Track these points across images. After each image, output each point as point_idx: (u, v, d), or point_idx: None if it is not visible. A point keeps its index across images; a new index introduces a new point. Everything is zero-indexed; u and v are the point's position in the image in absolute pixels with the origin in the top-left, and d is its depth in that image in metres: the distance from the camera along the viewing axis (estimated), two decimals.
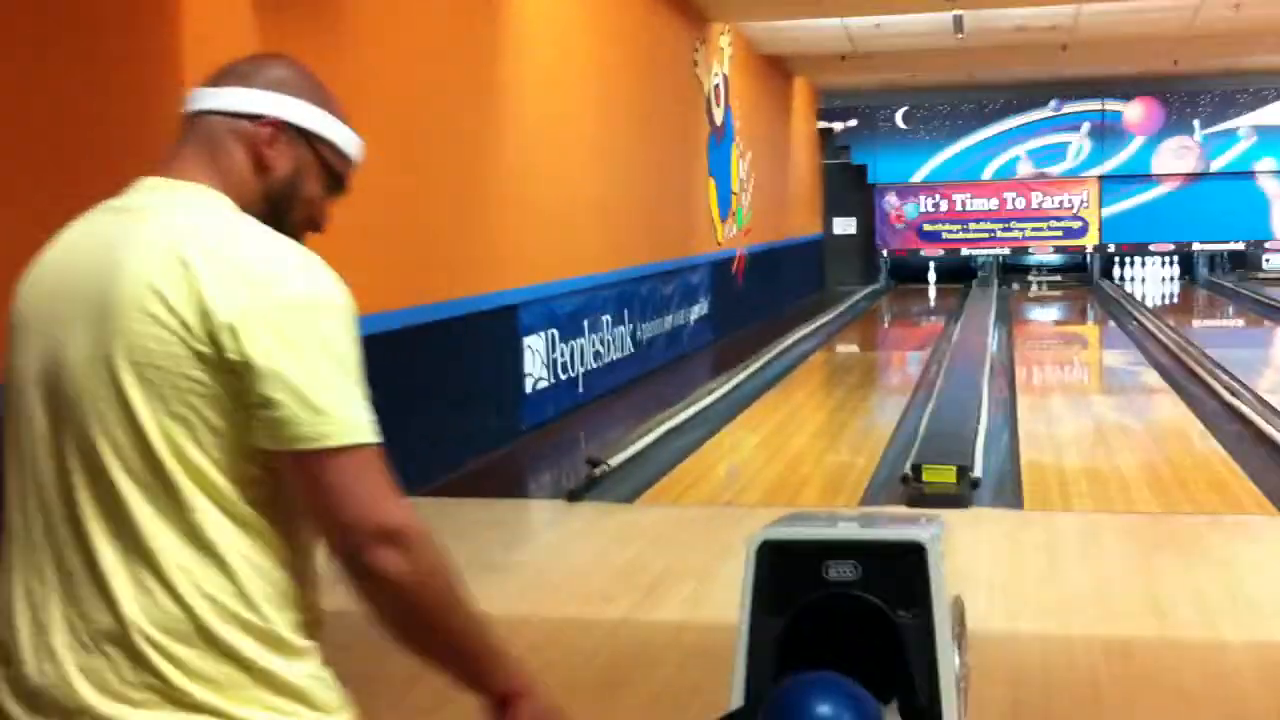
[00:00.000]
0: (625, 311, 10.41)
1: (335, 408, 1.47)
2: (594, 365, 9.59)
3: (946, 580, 2.72)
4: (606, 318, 9.90)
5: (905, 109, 22.03)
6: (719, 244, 14.15)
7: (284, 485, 1.52)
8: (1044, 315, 18.11)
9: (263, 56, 1.71)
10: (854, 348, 14.72)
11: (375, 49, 6.36)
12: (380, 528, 1.48)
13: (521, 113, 8.28)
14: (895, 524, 2.78)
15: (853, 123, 22.32)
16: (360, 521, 1.47)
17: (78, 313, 1.53)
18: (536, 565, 5.44)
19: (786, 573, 2.63)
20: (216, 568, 1.49)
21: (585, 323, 9.41)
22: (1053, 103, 21.57)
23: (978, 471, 6.58)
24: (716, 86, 14.06)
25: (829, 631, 2.64)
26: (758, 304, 15.75)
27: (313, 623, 1.59)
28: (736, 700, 2.60)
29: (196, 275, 1.47)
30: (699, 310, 13.00)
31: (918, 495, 6.22)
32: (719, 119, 14.20)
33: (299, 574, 1.57)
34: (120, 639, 1.47)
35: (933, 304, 19.96)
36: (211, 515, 1.49)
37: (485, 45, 7.82)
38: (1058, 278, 22.00)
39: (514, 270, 8.13)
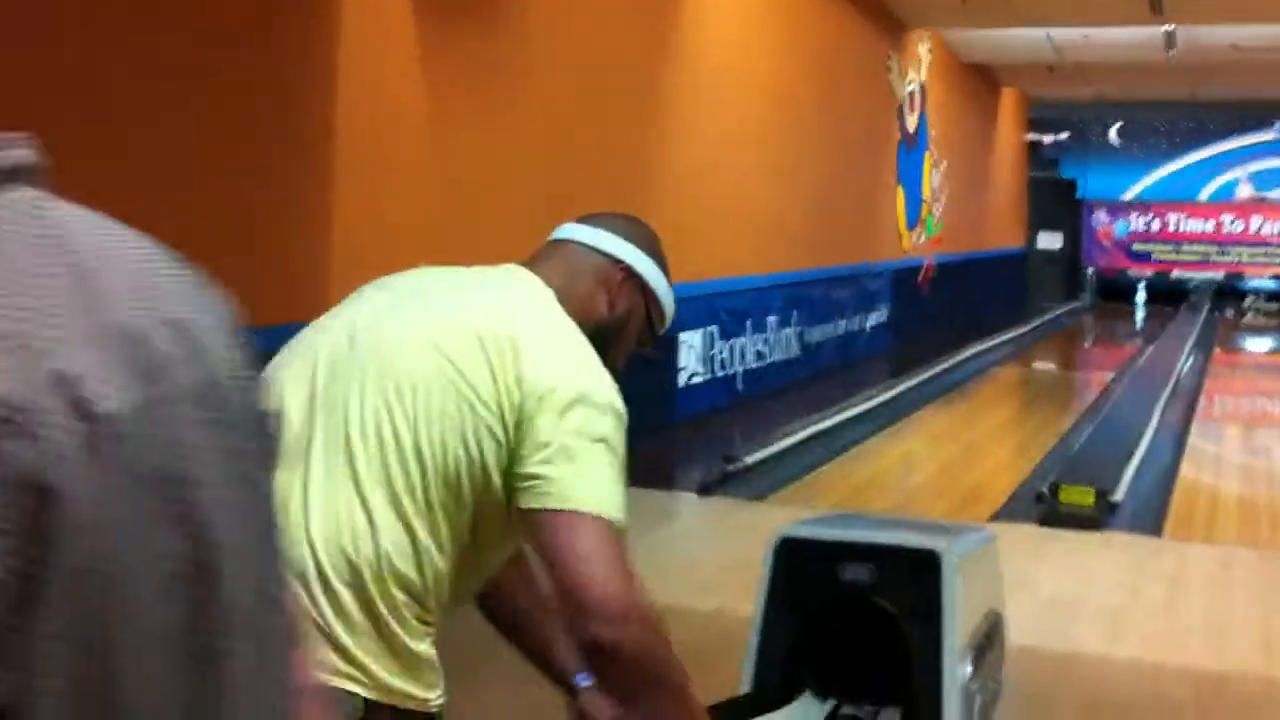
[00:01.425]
0: (794, 313, 10.42)
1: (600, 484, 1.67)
2: (755, 364, 9.64)
3: (973, 592, 2.72)
4: (772, 318, 9.93)
5: (1120, 124, 21.38)
6: (905, 252, 14.00)
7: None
8: (1252, 344, 17.37)
9: (625, 215, 1.99)
10: (1044, 364, 14.40)
11: (543, 52, 6.54)
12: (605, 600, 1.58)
13: (693, 112, 8.38)
14: (919, 531, 2.78)
15: (1064, 136, 21.76)
16: (589, 589, 1.58)
17: (427, 331, 1.73)
18: (652, 554, 5.52)
19: (803, 571, 2.67)
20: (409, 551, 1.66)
21: (748, 322, 9.46)
22: (1276, 125, 20.65)
23: (1120, 495, 6.42)
24: (911, 93, 13.92)
25: (842, 633, 2.67)
26: (946, 314, 15.51)
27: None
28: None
29: (522, 353, 1.68)
30: (877, 317, 12.90)
31: (1052, 514, 6.11)
32: (912, 126, 14.05)
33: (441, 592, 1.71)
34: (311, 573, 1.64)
35: (1138, 326, 19.33)
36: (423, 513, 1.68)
37: (660, 45, 7.94)
38: (1275, 306, 21.04)
39: (675, 266, 8.21)
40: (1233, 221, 21.23)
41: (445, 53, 5.70)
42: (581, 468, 1.66)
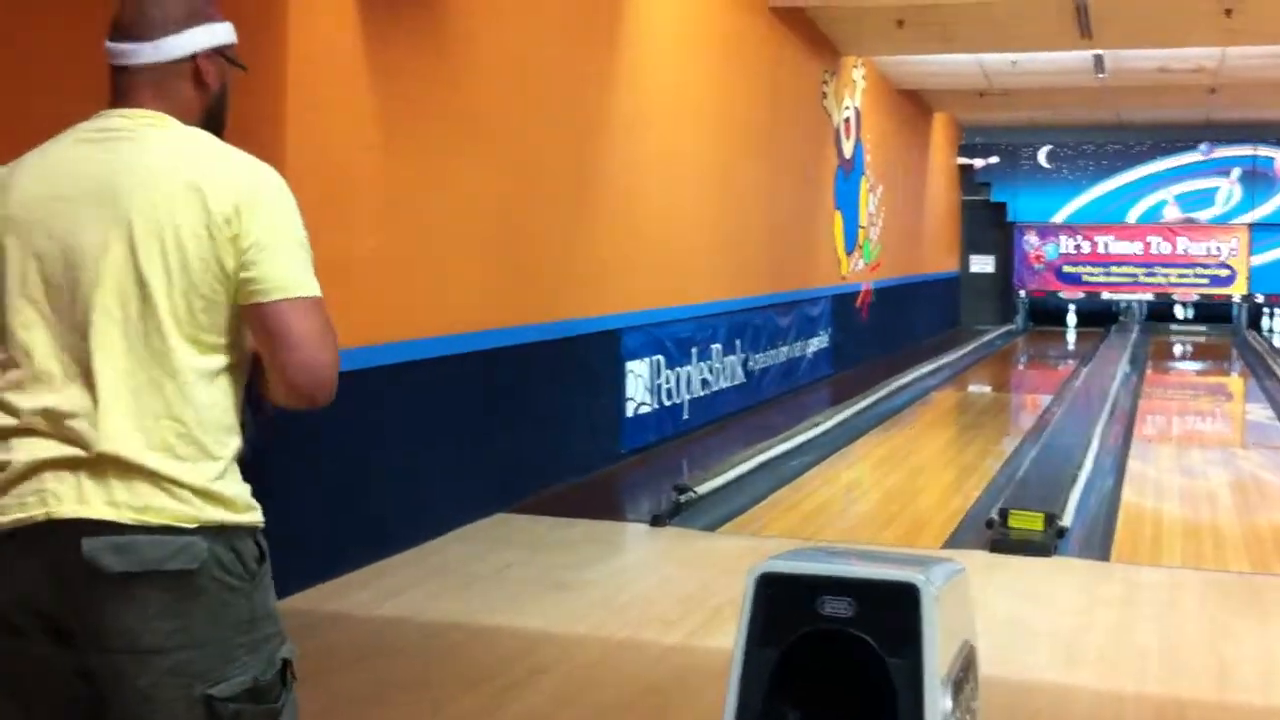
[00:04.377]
0: (737, 341, 10.45)
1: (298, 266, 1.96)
2: (700, 393, 9.65)
3: (950, 624, 2.72)
4: (716, 346, 9.95)
5: (1049, 148, 21.70)
6: (843, 277, 14.11)
7: None
8: (1181, 364, 17.65)
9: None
10: (980, 388, 14.54)
11: (488, 73, 6.52)
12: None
13: (635, 139, 8.39)
14: (896, 564, 2.78)
15: (994, 160, 22.03)
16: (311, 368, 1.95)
17: (91, 213, 1.93)
18: (606, 586, 5.51)
19: (783, 605, 2.67)
20: None
21: (693, 350, 9.48)
22: (1202, 146, 21.04)
23: (1067, 520, 6.48)
24: (847, 119, 14.04)
25: (822, 666, 2.67)
26: (884, 339, 15.65)
27: None
28: None
29: (206, 194, 1.92)
30: (818, 343, 12.97)
31: (1002, 540, 6.14)
32: (848, 152, 14.17)
33: None
34: None
35: (1070, 347, 19.58)
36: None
37: (601, 70, 7.95)
38: (1201, 326, 21.41)
39: (620, 295, 8.24)
40: (1160, 243, 21.59)
41: (391, 79, 5.67)
42: (281, 258, 1.93)
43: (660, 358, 8.86)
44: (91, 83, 2.24)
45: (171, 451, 1.88)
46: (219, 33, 2.07)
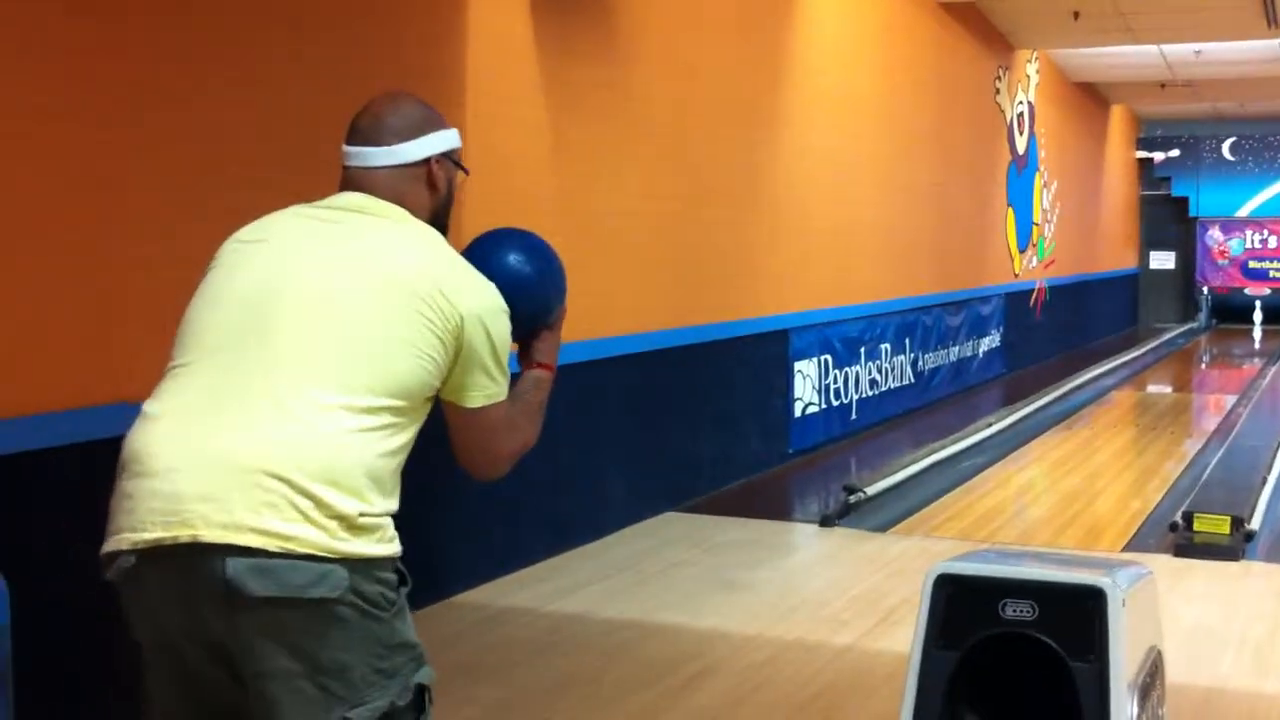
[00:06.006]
0: (907, 340, 10.32)
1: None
2: (870, 393, 9.56)
3: (1137, 629, 2.66)
4: (885, 346, 9.84)
5: (1233, 139, 20.94)
6: (1016, 275, 13.82)
7: None
8: None
9: (400, 102, 2.19)
10: (1160, 387, 14.10)
11: (656, 77, 6.57)
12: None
13: (803, 136, 8.36)
14: (1079, 567, 2.72)
15: (1174, 153, 21.34)
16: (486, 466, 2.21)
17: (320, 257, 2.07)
18: (777, 586, 5.51)
19: (962, 608, 2.63)
20: None
21: (862, 350, 9.39)
22: None
23: (1255, 524, 6.25)
24: (1020, 114, 13.76)
25: (1002, 669, 2.63)
26: (1058, 338, 15.29)
27: None
28: None
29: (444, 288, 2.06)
30: (990, 342, 12.73)
31: (1186, 544, 5.96)
32: (1021, 147, 13.88)
33: None
34: None
35: (1256, 345, 18.86)
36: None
37: (769, 68, 7.94)
38: None
39: (788, 295, 8.21)
40: None
41: (562, 85, 5.75)
42: (486, 370, 2.11)
43: (828, 357, 8.80)
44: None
45: (329, 479, 1.88)
46: (448, 138, 2.22)
